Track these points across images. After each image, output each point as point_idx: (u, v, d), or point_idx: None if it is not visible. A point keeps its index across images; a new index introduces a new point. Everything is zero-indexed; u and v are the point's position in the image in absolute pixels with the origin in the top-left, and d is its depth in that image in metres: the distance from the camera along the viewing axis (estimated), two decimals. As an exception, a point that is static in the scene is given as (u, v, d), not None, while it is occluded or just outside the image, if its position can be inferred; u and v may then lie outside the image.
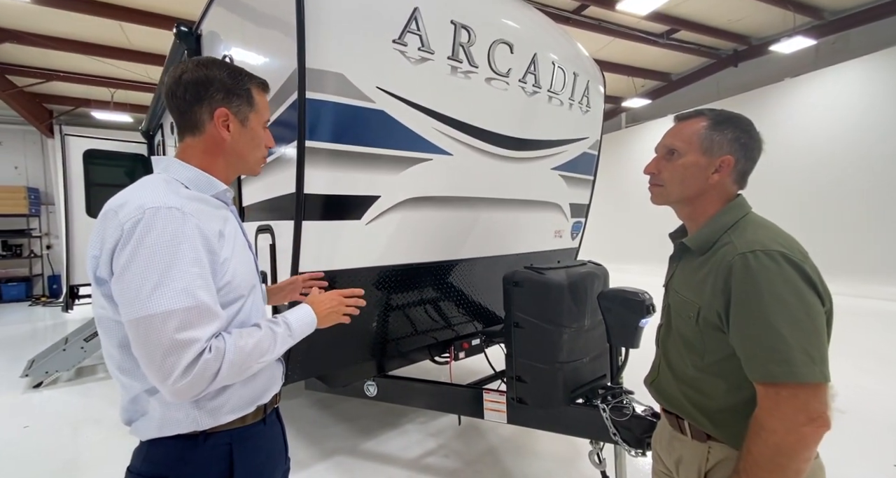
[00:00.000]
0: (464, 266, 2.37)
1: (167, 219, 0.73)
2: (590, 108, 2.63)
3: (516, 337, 1.79)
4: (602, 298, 1.72)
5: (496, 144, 2.09)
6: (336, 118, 1.57)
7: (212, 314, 0.75)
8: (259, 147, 0.94)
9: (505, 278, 1.85)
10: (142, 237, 0.70)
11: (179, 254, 0.72)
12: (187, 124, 0.86)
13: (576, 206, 2.91)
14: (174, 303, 0.70)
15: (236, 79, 0.87)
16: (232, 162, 0.91)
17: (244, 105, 0.88)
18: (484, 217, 2.29)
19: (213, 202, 0.86)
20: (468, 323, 2.58)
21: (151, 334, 0.69)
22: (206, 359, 0.71)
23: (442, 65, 1.78)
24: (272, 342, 0.84)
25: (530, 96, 2.17)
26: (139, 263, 0.70)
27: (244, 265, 0.87)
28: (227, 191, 0.90)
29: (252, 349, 0.79)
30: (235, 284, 0.83)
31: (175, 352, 0.69)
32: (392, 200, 1.80)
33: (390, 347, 2.17)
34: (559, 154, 2.52)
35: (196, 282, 0.73)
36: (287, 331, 0.88)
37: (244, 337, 0.79)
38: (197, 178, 0.85)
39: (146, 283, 0.69)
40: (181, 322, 0.70)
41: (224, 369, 0.74)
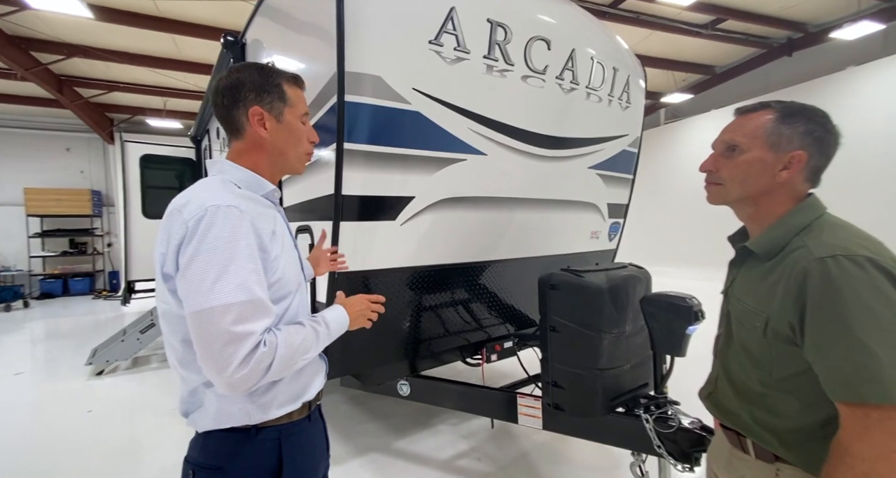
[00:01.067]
0: (497, 267, 2.34)
1: (226, 216, 0.76)
2: (630, 105, 2.52)
3: (553, 341, 1.75)
4: (646, 302, 1.64)
5: (531, 143, 2.05)
6: (373, 120, 1.59)
7: (265, 309, 0.78)
8: (300, 142, 0.94)
9: (541, 280, 1.81)
10: (204, 234, 0.74)
11: (237, 250, 0.75)
12: (231, 128, 0.90)
13: (614, 206, 2.80)
14: (232, 297, 0.73)
15: (266, 77, 0.89)
16: (275, 160, 0.92)
17: (276, 101, 0.89)
18: (518, 218, 2.26)
19: (264, 202, 0.89)
20: (500, 325, 2.55)
21: (211, 327, 0.72)
22: (261, 352, 0.74)
23: (477, 64, 1.76)
24: (315, 340, 0.86)
25: (567, 93, 2.11)
26: (202, 259, 0.73)
27: (292, 264, 0.91)
28: (274, 191, 0.93)
29: (299, 345, 0.81)
30: (285, 282, 0.86)
31: (232, 343, 0.72)
32: (426, 201, 1.80)
33: (423, 348, 2.18)
34: (597, 152, 2.43)
35: (251, 277, 0.76)
36: (326, 329, 0.90)
37: (292, 334, 0.81)
38: (248, 178, 0.89)
39: (207, 277, 0.73)
40: (238, 315, 0.73)
41: (276, 363, 0.76)
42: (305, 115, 0.95)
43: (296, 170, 0.97)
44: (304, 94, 0.96)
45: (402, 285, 1.93)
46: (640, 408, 1.64)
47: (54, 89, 7.35)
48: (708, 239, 8.75)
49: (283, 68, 0.94)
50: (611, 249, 3.03)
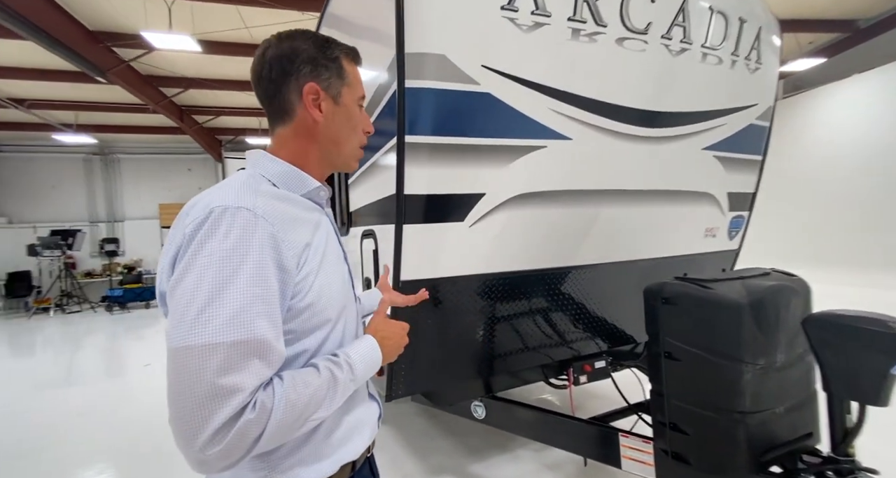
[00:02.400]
0: (585, 274, 1.98)
1: (232, 221, 0.58)
2: (760, 65, 1.97)
3: (670, 371, 1.36)
4: (816, 325, 1.18)
5: (628, 122, 1.67)
6: (437, 107, 1.38)
7: (267, 355, 0.57)
8: (356, 131, 0.77)
9: (648, 292, 1.43)
10: (202, 243, 0.57)
11: (241, 268, 0.56)
12: (276, 110, 0.72)
13: (736, 195, 2.24)
14: (220, 334, 0.53)
15: (323, 47, 0.72)
16: (326, 151, 0.75)
17: (334, 78, 0.72)
18: (611, 214, 1.87)
19: (304, 203, 0.72)
20: (590, 341, 2.17)
21: (184, 374, 0.53)
22: (245, 420, 0.53)
23: (561, 29, 1.45)
24: (331, 392, 0.63)
25: (676, 56, 1.68)
26: (192, 277, 0.55)
27: (336, 282, 0.71)
28: (320, 188, 0.75)
29: (306, 404, 0.60)
30: (321, 307, 0.66)
31: (210, 403, 0.52)
32: (498, 198, 1.54)
33: (499, 365, 1.91)
34: (714, 129, 1.94)
35: (255, 307, 0.56)
36: (350, 375, 0.67)
37: (298, 387, 0.59)
38: (287, 173, 0.71)
39: (193, 302, 0.54)
40: (224, 362, 0.53)
41: (268, 432, 0.55)
42: (362, 99, 0.78)
43: (348, 165, 0.80)
44: (360, 75, 0.79)
45: (473, 295, 1.69)
46: (809, 473, 1.18)
47: (177, 118, 8.56)
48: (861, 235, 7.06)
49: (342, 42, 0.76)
50: (731, 250, 2.45)
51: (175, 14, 5.30)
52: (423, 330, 1.63)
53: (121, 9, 5.27)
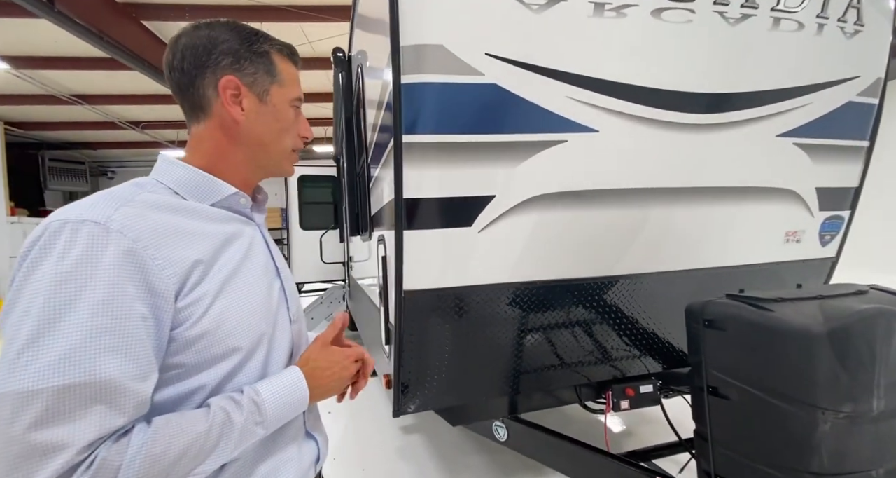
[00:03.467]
0: (628, 284, 1.73)
1: (73, 238, 0.48)
2: (861, 27, 1.56)
3: (715, 411, 1.10)
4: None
5: (672, 108, 1.41)
6: (437, 103, 1.27)
7: (117, 396, 0.46)
8: (287, 132, 0.70)
9: (689, 312, 1.18)
10: (32, 266, 0.47)
11: (81, 294, 0.46)
12: (190, 105, 0.65)
13: (830, 191, 1.81)
14: (42, 379, 0.43)
15: (249, 40, 0.65)
16: (252, 154, 0.67)
17: (261, 73, 0.65)
18: (658, 216, 1.61)
19: (211, 214, 0.62)
20: (635, 361, 1.89)
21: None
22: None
23: (580, 5, 1.27)
24: (224, 440, 0.53)
25: (736, 25, 1.38)
26: (19, 307, 0.46)
27: (251, 305, 0.61)
28: (237, 196, 0.65)
29: (178, 457, 0.49)
30: (223, 334, 0.56)
31: (25, 464, 0.42)
32: (511, 200, 1.39)
33: (524, 382, 1.74)
34: (794, 110, 1.57)
35: (99, 341, 0.46)
36: (256, 417, 0.57)
37: (168, 437, 0.49)
38: (190, 180, 0.62)
39: (15, 341, 0.45)
40: (44, 413, 0.43)
41: None
42: (298, 101, 0.72)
43: (281, 170, 0.72)
44: (299, 76, 0.73)
45: (493, 306, 1.55)
46: None
47: (255, 131, 9.47)
48: None
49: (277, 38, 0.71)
50: (825, 258, 1.99)
51: (248, 36, 5.85)
52: (437, 341, 1.53)
53: (204, 36, 5.95)
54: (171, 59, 0.64)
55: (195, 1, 5.07)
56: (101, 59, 5.84)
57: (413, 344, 1.48)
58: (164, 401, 0.54)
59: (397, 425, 2.89)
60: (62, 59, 6.15)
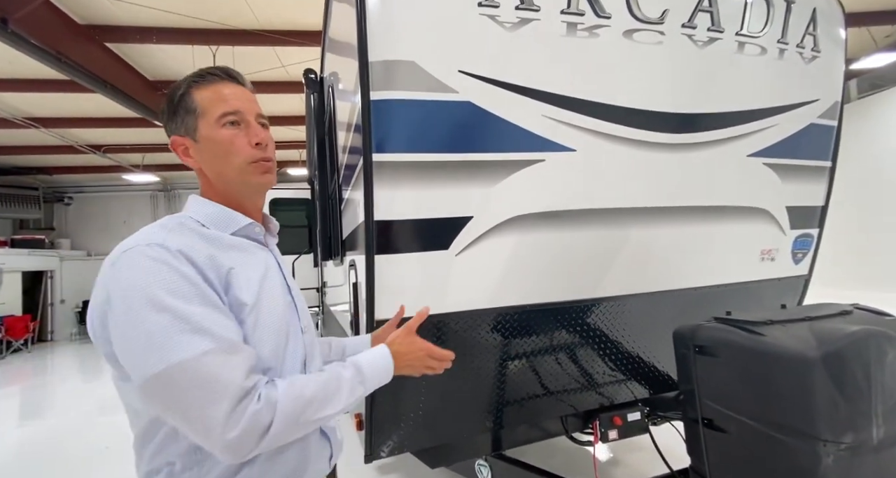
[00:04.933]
0: (611, 307, 1.67)
1: (147, 255, 0.62)
2: (818, 54, 1.63)
3: (711, 446, 1.02)
4: (922, 393, 0.82)
5: (647, 127, 1.40)
6: (408, 121, 1.21)
7: (239, 351, 0.62)
8: (230, 152, 0.73)
9: (678, 337, 1.12)
10: (126, 278, 0.61)
11: (177, 289, 0.60)
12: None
13: (799, 210, 1.85)
14: (187, 348, 0.58)
15: (174, 92, 0.74)
16: (223, 184, 0.76)
17: (186, 117, 0.73)
18: (637, 236, 1.58)
19: (234, 242, 0.74)
20: (621, 386, 1.81)
21: (174, 392, 0.58)
22: (253, 409, 0.60)
23: (553, 24, 1.26)
24: (339, 390, 0.70)
25: (704, 47, 1.41)
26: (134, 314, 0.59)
27: (268, 320, 0.71)
28: (253, 225, 0.76)
29: (311, 398, 0.66)
30: (258, 337, 0.69)
31: (210, 403, 0.58)
32: (489, 222, 1.32)
33: (507, 416, 1.62)
34: (761, 131, 1.61)
35: (207, 318, 0.61)
36: (357, 376, 0.73)
37: (303, 384, 0.66)
38: (215, 214, 0.74)
39: (157, 327, 0.58)
40: (204, 369, 0.58)
41: (277, 422, 0.62)
42: (226, 116, 0.73)
43: (249, 185, 0.77)
44: (225, 89, 0.75)
45: (471, 335, 1.45)
46: None
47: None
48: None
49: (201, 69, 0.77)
50: (798, 276, 2.01)
51: (219, 58, 5.76)
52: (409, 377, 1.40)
53: (173, 58, 5.81)
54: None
55: (163, 24, 4.98)
56: (61, 82, 5.58)
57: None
58: None
59: (374, 465, 2.67)
60: (17, 80, 5.85)
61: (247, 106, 0.75)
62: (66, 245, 10.42)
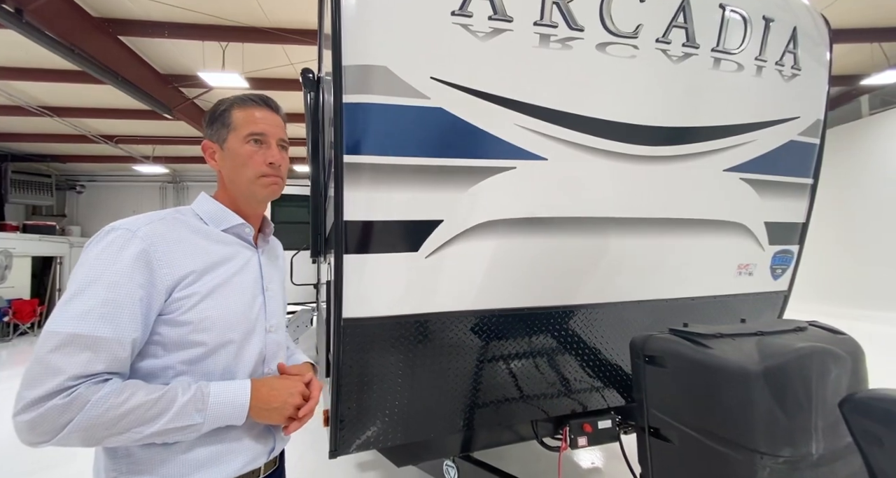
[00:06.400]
0: (585, 315, 1.69)
1: (111, 238, 0.71)
2: (798, 72, 1.64)
3: (656, 455, 1.04)
4: (855, 410, 0.84)
5: (618, 139, 1.42)
6: (381, 124, 1.25)
7: (100, 349, 0.65)
8: (245, 165, 0.85)
9: (633, 347, 1.14)
10: (86, 253, 0.71)
11: (102, 275, 0.68)
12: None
13: (778, 226, 1.85)
14: (63, 325, 0.64)
15: (216, 107, 0.87)
16: (234, 189, 0.87)
17: (221, 128, 0.86)
18: (611, 246, 1.59)
19: (221, 238, 0.83)
20: (592, 394, 1.83)
21: (36, 349, 0.64)
22: (54, 404, 0.61)
23: (526, 35, 1.29)
24: (163, 410, 0.67)
25: (679, 63, 1.43)
26: (72, 277, 0.69)
27: (228, 314, 0.78)
28: (242, 225, 0.86)
29: (128, 412, 0.65)
30: (205, 326, 0.74)
31: (39, 378, 0.62)
32: (460, 226, 1.35)
33: (479, 419, 1.64)
34: (740, 146, 1.62)
35: (101, 309, 0.66)
36: (198, 403, 0.70)
37: (127, 395, 0.65)
38: (213, 211, 0.85)
39: (64, 297, 0.67)
40: (57, 345, 0.63)
41: (77, 423, 0.62)
42: (252, 135, 0.85)
43: (254, 195, 0.87)
44: (258, 113, 0.87)
45: (434, 337, 1.47)
46: None
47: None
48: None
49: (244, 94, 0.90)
50: (777, 292, 2.01)
51: (229, 55, 5.86)
52: (379, 374, 1.44)
53: (185, 53, 5.93)
54: None
55: (175, 19, 5.08)
56: (75, 72, 5.72)
57: (353, 376, 1.38)
58: (142, 370, 0.72)
59: (353, 462, 2.71)
60: (32, 70, 6.01)
61: (272, 130, 0.86)
62: (77, 232, 10.62)
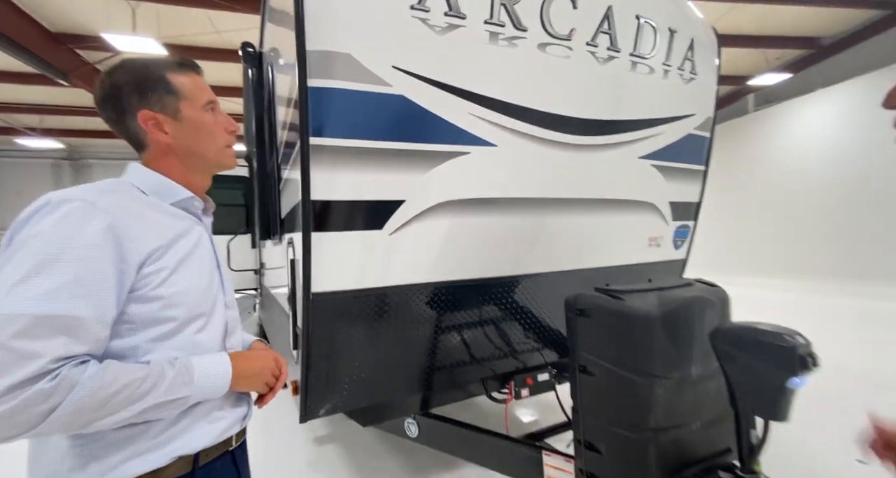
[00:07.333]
0: (527, 283, 1.93)
1: (70, 210, 0.63)
2: (695, 76, 1.98)
3: (584, 387, 1.30)
4: (719, 338, 1.15)
5: (557, 129, 1.64)
6: (344, 109, 1.32)
7: (79, 330, 0.59)
8: (212, 135, 0.82)
9: (567, 303, 1.38)
10: (31, 223, 0.61)
11: (66, 249, 0.60)
12: (132, 142, 0.80)
13: (679, 205, 2.23)
14: (28, 306, 0.56)
15: (144, 72, 0.77)
16: (191, 163, 0.81)
17: (166, 96, 0.78)
18: (549, 223, 1.84)
19: (171, 211, 0.77)
20: (534, 353, 2.11)
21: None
22: (40, 389, 0.55)
23: (477, 32, 1.42)
24: (155, 388, 0.64)
25: (604, 64, 1.67)
26: (15, 253, 0.59)
27: (193, 290, 0.74)
28: (192, 199, 0.80)
29: (118, 391, 0.60)
30: (176, 301, 0.71)
31: (6, 365, 0.54)
32: (420, 205, 1.48)
33: (434, 380, 1.84)
34: (651, 138, 1.93)
35: (72, 288, 0.59)
36: (184, 376, 0.68)
37: (117, 372, 0.61)
38: (157, 183, 0.78)
39: (12, 276, 0.58)
40: (23, 329, 0.55)
41: (65, 407, 0.56)
42: (210, 103, 0.83)
43: (223, 166, 0.86)
44: (202, 80, 0.84)
45: (402, 307, 1.62)
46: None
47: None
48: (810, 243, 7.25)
49: (166, 57, 0.86)
50: (678, 259, 2.43)
51: (141, 17, 5.21)
52: (346, 343, 1.55)
53: (82, 9, 5.15)
54: (102, 112, 0.78)
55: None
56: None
57: (322, 347, 1.48)
58: (113, 350, 0.66)
59: (310, 438, 2.79)
60: None
61: (216, 97, 0.84)
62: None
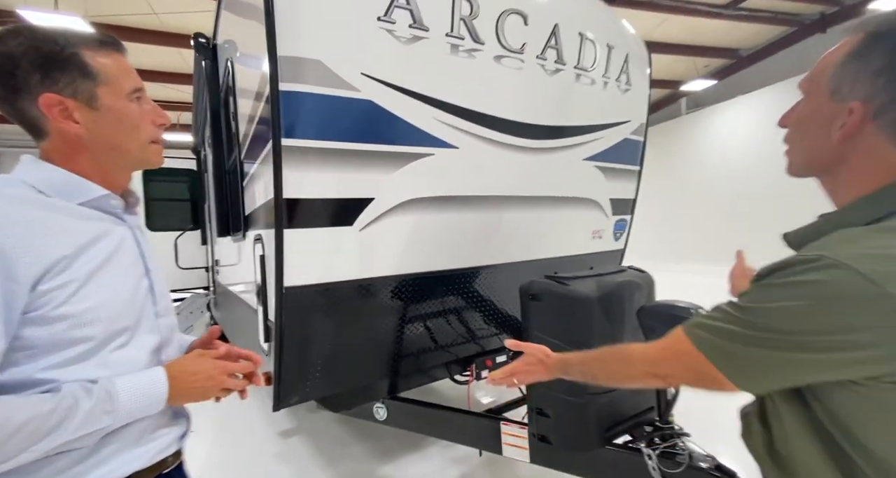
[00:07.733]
0: (486, 274, 2.10)
1: None
2: (630, 87, 2.24)
3: (535, 361, 1.49)
4: (644, 314, 1.38)
5: (512, 134, 1.81)
6: (315, 112, 1.39)
7: None
8: (136, 129, 0.68)
9: (521, 290, 1.57)
10: None
11: None
12: (27, 128, 0.65)
13: (618, 201, 2.51)
14: None
15: (51, 46, 0.61)
16: (109, 157, 0.68)
17: (79, 79, 0.62)
18: (506, 218, 2.01)
19: (79, 213, 0.64)
20: (492, 337, 2.30)
21: None
22: None
23: (439, 43, 1.54)
24: (63, 420, 0.55)
25: (552, 75, 1.86)
26: None
27: (114, 300, 0.64)
28: (108, 197, 0.67)
29: (17, 428, 0.52)
30: (89, 318, 0.60)
31: None
32: (388, 203, 1.59)
33: (402, 366, 1.96)
34: (593, 142, 2.16)
35: None
36: (104, 404, 0.59)
37: (10, 406, 0.52)
38: (60, 180, 0.63)
39: None
40: None
41: None
42: (137, 92, 0.69)
43: (148, 163, 0.73)
44: (127, 62, 0.69)
45: (371, 298, 1.72)
46: (642, 440, 1.36)
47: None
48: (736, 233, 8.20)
49: (83, 30, 0.66)
50: (618, 250, 2.73)
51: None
52: (318, 334, 1.63)
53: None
54: None
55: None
56: None
57: (294, 338, 1.56)
58: (12, 381, 0.56)
59: (275, 432, 2.82)
60: None
61: (143, 84, 0.70)
62: None
